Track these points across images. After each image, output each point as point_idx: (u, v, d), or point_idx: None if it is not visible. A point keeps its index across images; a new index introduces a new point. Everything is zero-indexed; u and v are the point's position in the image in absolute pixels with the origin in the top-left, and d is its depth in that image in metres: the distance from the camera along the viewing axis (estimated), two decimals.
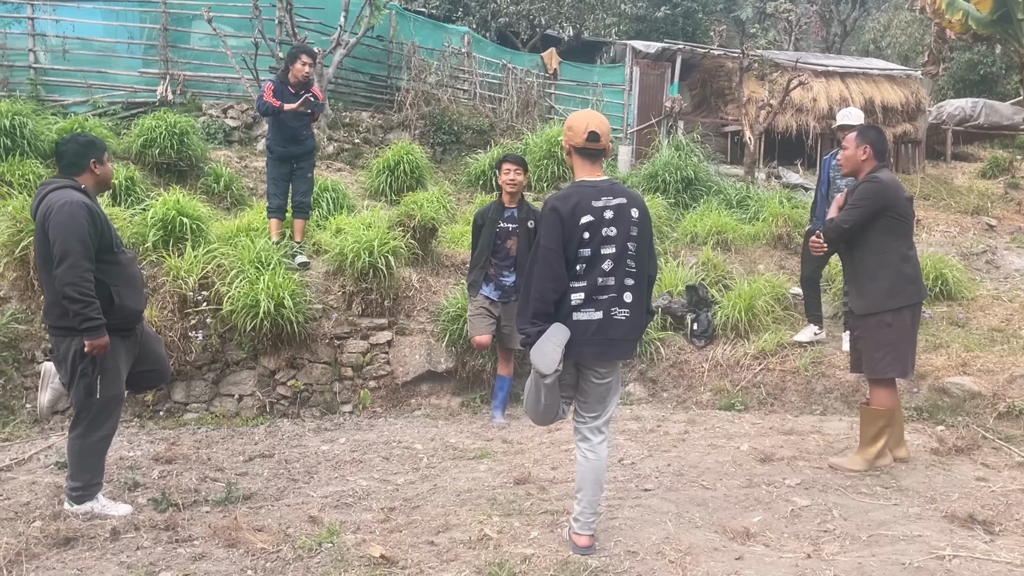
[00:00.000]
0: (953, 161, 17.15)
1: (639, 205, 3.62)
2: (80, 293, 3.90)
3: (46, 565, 3.56)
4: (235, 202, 9.45)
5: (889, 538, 3.80)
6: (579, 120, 3.62)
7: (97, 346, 3.99)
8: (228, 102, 12.03)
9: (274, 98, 7.01)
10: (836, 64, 17.44)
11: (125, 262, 4.26)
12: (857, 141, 4.91)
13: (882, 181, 4.78)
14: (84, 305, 3.91)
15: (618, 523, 4.03)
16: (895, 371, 4.82)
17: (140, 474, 4.94)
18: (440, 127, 13.07)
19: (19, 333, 6.42)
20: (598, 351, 3.56)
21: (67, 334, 4.07)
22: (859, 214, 4.75)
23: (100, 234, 4.05)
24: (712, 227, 9.40)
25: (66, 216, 3.93)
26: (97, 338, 3.98)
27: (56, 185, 4.13)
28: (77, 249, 3.91)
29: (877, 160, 4.88)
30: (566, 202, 3.53)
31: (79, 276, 3.90)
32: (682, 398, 7.06)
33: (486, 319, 6.43)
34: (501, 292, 6.46)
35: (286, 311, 6.52)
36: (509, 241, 6.42)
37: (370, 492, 4.71)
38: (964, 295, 8.18)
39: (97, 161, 4.23)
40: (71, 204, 3.97)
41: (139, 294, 4.33)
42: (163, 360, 4.63)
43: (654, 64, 16.73)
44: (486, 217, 6.45)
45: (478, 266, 6.44)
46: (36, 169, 8.57)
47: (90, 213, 4.01)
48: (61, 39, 11.67)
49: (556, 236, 3.49)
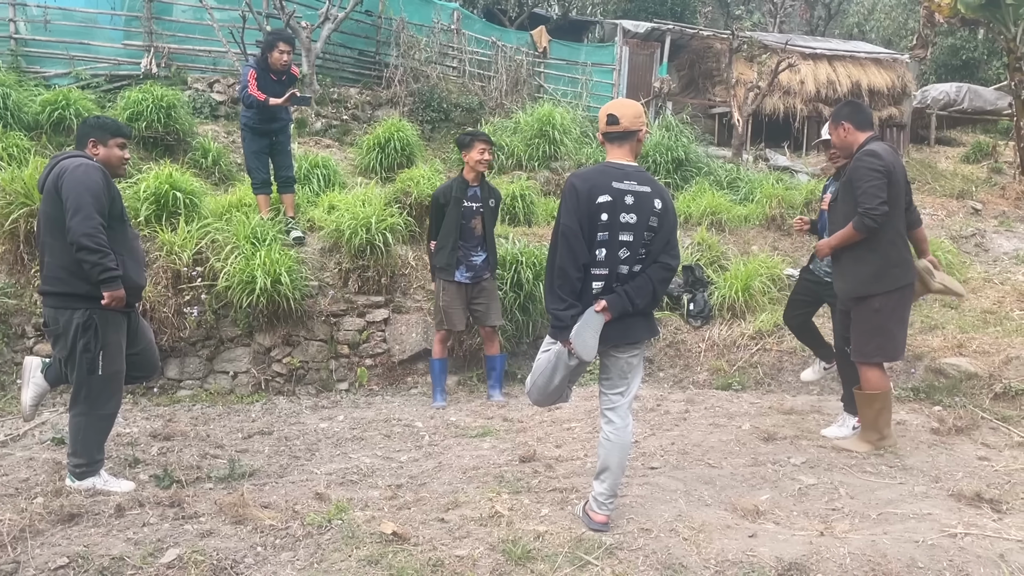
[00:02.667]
0: (937, 145, 17.29)
1: (663, 197, 3.57)
2: (96, 243, 3.87)
3: (51, 541, 3.49)
4: (223, 177, 9.31)
5: (899, 516, 3.82)
6: (604, 108, 3.64)
7: (116, 297, 3.98)
8: (214, 76, 11.81)
9: (258, 90, 6.83)
10: (824, 47, 17.49)
11: (131, 236, 4.24)
12: (833, 124, 4.80)
13: (876, 152, 4.53)
14: (101, 255, 3.89)
15: (628, 500, 4.02)
16: (882, 355, 4.74)
17: (139, 451, 4.87)
18: (429, 104, 12.94)
19: (9, 308, 6.29)
20: (620, 333, 3.55)
21: (68, 304, 3.99)
22: (879, 187, 4.44)
23: (112, 200, 4.04)
24: (706, 208, 9.40)
25: (81, 173, 3.93)
26: (115, 289, 3.96)
27: (69, 154, 4.13)
28: (90, 202, 3.89)
29: (861, 130, 4.70)
30: (586, 180, 3.48)
31: (93, 227, 3.87)
32: (679, 378, 7.08)
33: (460, 307, 6.32)
34: (473, 273, 6.33)
35: (283, 288, 6.44)
36: (474, 220, 6.29)
37: (374, 469, 4.67)
38: (957, 277, 8.24)
39: (97, 141, 4.16)
40: (86, 166, 3.99)
41: (142, 268, 4.29)
42: (152, 348, 4.55)
43: (643, 44, 16.68)
44: (449, 195, 6.24)
45: (448, 248, 6.23)
46: (20, 141, 8.36)
47: (104, 175, 4.02)
48: (42, 9, 11.36)
49: (573, 213, 3.44)
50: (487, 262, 6.39)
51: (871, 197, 4.44)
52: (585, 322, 3.43)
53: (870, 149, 4.57)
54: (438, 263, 6.33)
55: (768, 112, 15.80)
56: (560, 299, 3.46)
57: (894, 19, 26.16)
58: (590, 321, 3.44)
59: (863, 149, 4.60)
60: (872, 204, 4.44)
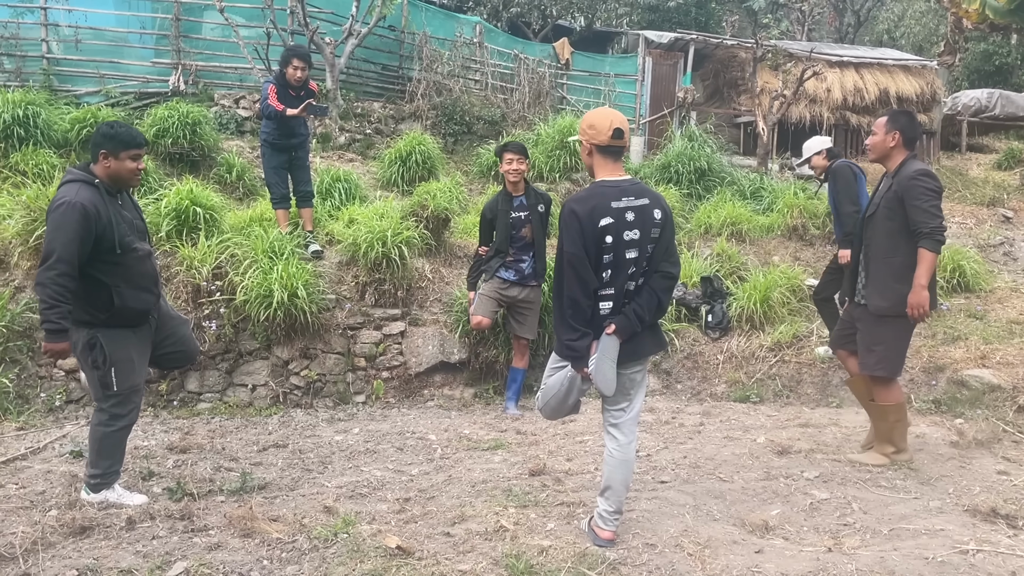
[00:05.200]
0: (968, 152, 17.02)
1: (662, 206, 3.52)
2: (46, 294, 3.84)
3: (62, 554, 3.55)
4: (247, 192, 9.45)
5: (911, 532, 3.76)
6: (601, 118, 3.51)
7: (53, 350, 3.98)
8: (240, 92, 12.01)
9: (278, 101, 6.99)
10: (850, 54, 17.30)
11: (131, 262, 4.10)
12: (887, 127, 4.68)
13: (930, 172, 4.57)
14: (47, 307, 3.85)
15: (635, 515, 4.00)
16: (884, 370, 4.68)
17: (155, 463, 4.94)
18: (452, 117, 13.02)
19: (33, 322, 6.41)
20: (628, 351, 3.52)
21: (75, 325, 4.04)
22: (938, 206, 4.48)
23: (99, 236, 3.93)
24: (726, 218, 9.34)
25: (58, 216, 3.86)
26: (53, 342, 3.93)
27: (69, 178, 4.06)
28: (56, 249, 3.82)
29: (907, 148, 4.68)
30: (584, 204, 3.41)
31: (50, 278, 3.82)
32: (696, 390, 7.02)
33: (492, 303, 6.46)
34: (520, 276, 6.46)
35: (299, 301, 6.51)
36: (524, 229, 6.44)
37: (385, 482, 4.69)
38: (982, 287, 8.11)
39: (109, 154, 4.04)
40: (66, 205, 3.88)
41: (146, 292, 4.20)
42: (188, 340, 4.60)
43: (666, 54, 16.63)
44: (496, 210, 6.44)
45: (498, 259, 6.45)
46: (49, 159, 8.60)
47: (84, 216, 3.87)
48: (74, 29, 11.66)
49: (578, 240, 3.38)
50: (534, 269, 6.47)
51: (933, 216, 4.47)
52: (602, 353, 3.40)
53: (925, 170, 4.59)
54: (484, 267, 6.51)
55: (794, 121, 15.65)
56: (573, 329, 3.42)
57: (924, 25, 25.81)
58: (607, 351, 3.40)
59: (918, 169, 4.58)
60: (936, 223, 4.46)
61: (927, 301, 4.49)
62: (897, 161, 4.68)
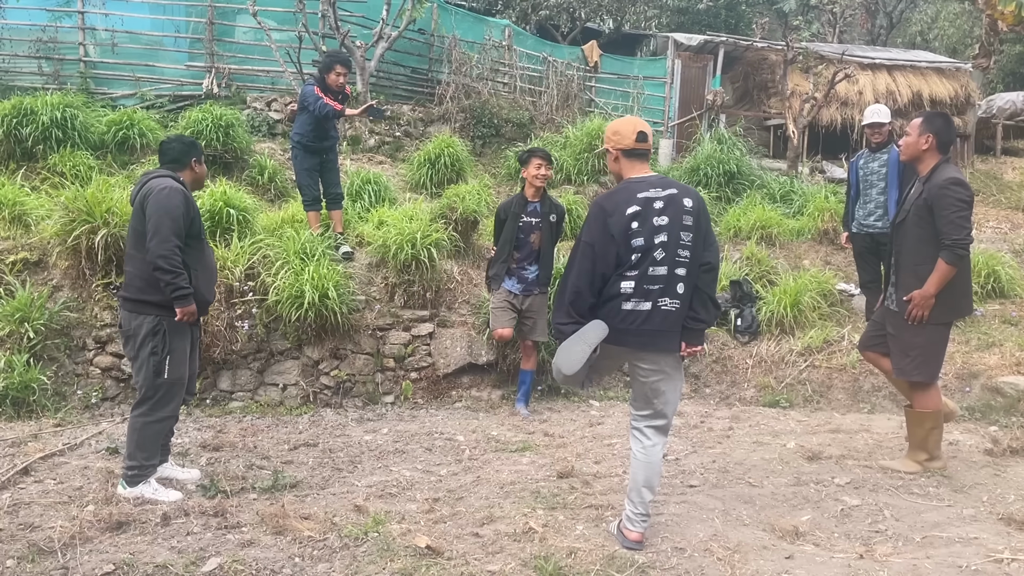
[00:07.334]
0: (1003, 156, 16.74)
1: (693, 196, 3.58)
2: (170, 264, 4.20)
3: (99, 548, 3.63)
4: (279, 194, 9.55)
5: (944, 540, 3.72)
6: (625, 123, 3.66)
7: (187, 312, 4.30)
8: (272, 95, 12.13)
9: None
10: (882, 56, 17.10)
11: (207, 251, 4.60)
12: (921, 128, 4.60)
13: (963, 182, 4.48)
14: (174, 275, 4.21)
15: (664, 519, 4.00)
16: (922, 375, 4.62)
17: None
18: (480, 120, 13.06)
19: (71, 321, 6.53)
20: (643, 341, 3.52)
21: (141, 310, 4.29)
22: (966, 217, 4.44)
23: (191, 220, 4.37)
24: (756, 221, 9.29)
25: (164, 197, 4.27)
26: (186, 305, 4.28)
27: (158, 174, 4.49)
28: (168, 225, 4.22)
29: (940, 152, 4.60)
30: (611, 198, 3.54)
31: (169, 249, 4.20)
32: (725, 394, 6.99)
33: (508, 312, 6.47)
34: (523, 286, 6.48)
35: (330, 302, 6.57)
36: (532, 235, 6.44)
37: (414, 483, 4.72)
38: (1017, 293, 7.97)
39: (197, 160, 4.65)
40: (170, 188, 4.32)
41: (212, 284, 4.63)
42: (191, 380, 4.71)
43: (696, 57, 16.55)
44: (509, 211, 6.46)
45: (500, 260, 6.46)
46: (86, 160, 8.75)
47: (185, 199, 4.36)
48: (110, 33, 11.89)
49: (596, 232, 3.47)
50: (538, 277, 6.47)
51: (959, 228, 4.41)
52: (579, 334, 3.44)
53: (957, 179, 4.49)
54: (490, 272, 6.60)
55: (825, 123, 15.50)
56: (568, 315, 3.51)
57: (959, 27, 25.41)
58: (586, 335, 3.43)
59: (948, 178, 4.48)
60: (961, 235, 4.41)
61: (929, 307, 4.49)
62: (929, 165, 4.61)
